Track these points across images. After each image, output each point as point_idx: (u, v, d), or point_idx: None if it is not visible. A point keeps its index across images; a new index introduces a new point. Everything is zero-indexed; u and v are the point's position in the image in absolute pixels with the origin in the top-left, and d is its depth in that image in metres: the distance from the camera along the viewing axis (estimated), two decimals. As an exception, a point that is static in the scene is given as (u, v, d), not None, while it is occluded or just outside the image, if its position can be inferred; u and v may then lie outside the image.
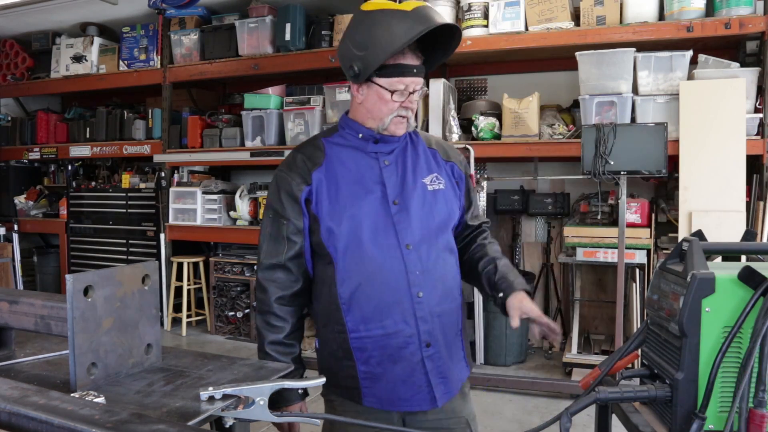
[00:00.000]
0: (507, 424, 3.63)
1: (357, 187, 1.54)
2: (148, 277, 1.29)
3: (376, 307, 1.50)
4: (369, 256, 1.50)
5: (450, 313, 1.59)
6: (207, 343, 5.47)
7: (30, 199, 6.92)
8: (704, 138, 3.88)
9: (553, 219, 5.11)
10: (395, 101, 1.52)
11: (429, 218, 1.56)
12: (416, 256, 1.51)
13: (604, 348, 4.57)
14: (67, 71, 6.40)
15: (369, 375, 1.53)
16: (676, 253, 1.25)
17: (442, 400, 1.56)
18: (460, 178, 1.68)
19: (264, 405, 1.09)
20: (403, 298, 1.50)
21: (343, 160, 1.57)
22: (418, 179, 1.58)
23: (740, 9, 3.89)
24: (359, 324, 1.51)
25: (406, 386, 1.53)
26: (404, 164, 1.59)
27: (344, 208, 1.52)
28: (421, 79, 1.54)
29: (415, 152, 1.63)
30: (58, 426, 0.89)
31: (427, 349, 1.52)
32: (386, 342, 1.51)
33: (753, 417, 1.02)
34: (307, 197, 1.54)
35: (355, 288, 1.51)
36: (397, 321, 1.50)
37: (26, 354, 1.41)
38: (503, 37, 4.49)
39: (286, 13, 5.24)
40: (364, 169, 1.56)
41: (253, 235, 5.51)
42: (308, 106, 5.23)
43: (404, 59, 1.50)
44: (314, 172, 1.55)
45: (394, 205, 1.53)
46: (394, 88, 1.51)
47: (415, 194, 1.56)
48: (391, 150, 1.60)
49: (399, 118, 1.54)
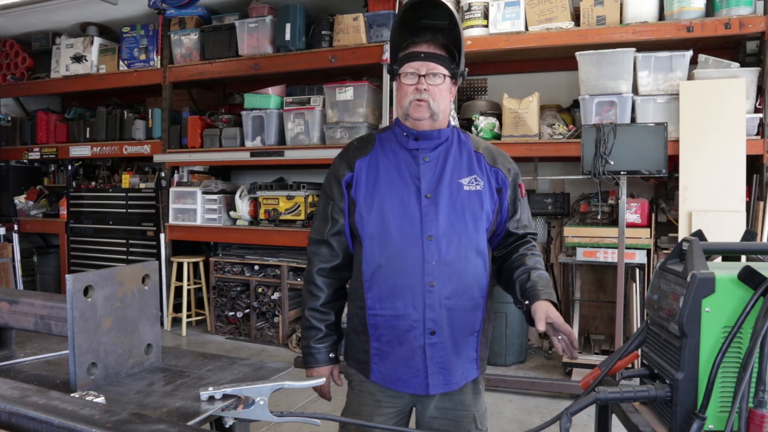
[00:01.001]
0: (507, 424, 3.63)
1: (394, 178, 1.66)
2: (148, 277, 1.29)
3: (391, 289, 1.61)
4: (392, 241, 1.61)
5: (464, 310, 1.63)
6: (207, 343, 5.47)
7: (30, 199, 6.91)
8: (704, 138, 3.88)
9: (553, 219, 5.11)
10: (408, 84, 1.64)
11: (457, 215, 1.63)
12: (435, 248, 1.60)
13: (604, 348, 4.56)
14: (67, 71, 6.41)
15: (379, 351, 1.66)
16: (676, 253, 1.25)
17: (435, 389, 1.63)
18: (504, 185, 1.71)
19: (264, 405, 1.09)
20: (416, 285, 1.59)
21: (387, 153, 1.70)
22: (455, 178, 1.66)
23: (740, 9, 3.89)
24: (376, 302, 1.64)
25: (406, 367, 1.63)
26: (444, 162, 1.68)
27: (378, 195, 1.65)
28: (433, 64, 1.63)
29: (459, 153, 1.71)
30: (58, 426, 0.89)
31: (430, 337, 1.60)
32: (395, 323, 1.62)
33: (753, 417, 1.02)
34: (348, 182, 1.70)
35: (376, 268, 1.63)
36: (407, 304, 1.60)
37: (26, 354, 1.41)
38: (503, 37, 4.49)
39: (286, 13, 5.24)
40: (403, 163, 1.68)
41: (253, 235, 5.51)
42: (308, 106, 5.23)
43: (415, 47, 1.64)
44: (358, 161, 1.70)
45: (426, 198, 1.63)
46: (405, 71, 1.65)
47: (449, 191, 1.64)
48: (434, 147, 1.69)
49: (416, 102, 1.64)
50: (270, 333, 5.37)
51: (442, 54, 1.65)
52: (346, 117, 5.05)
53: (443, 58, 1.64)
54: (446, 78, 1.65)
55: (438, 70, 1.63)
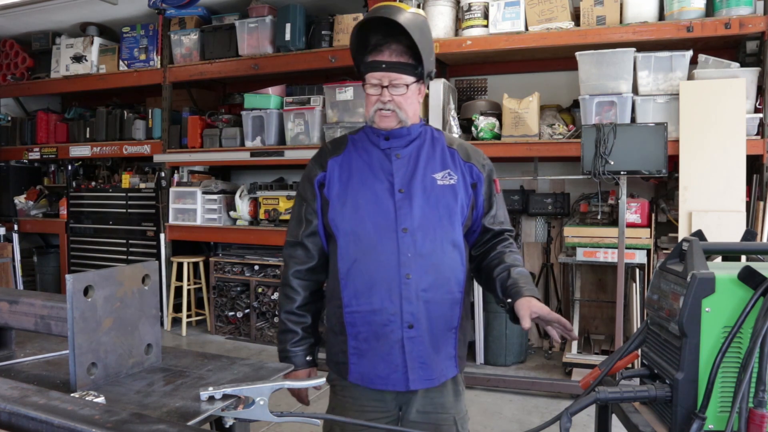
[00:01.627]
0: (507, 424, 3.63)
1: (367, 175, 1.66)
2: (148, 277, 1.29)
3: (367, 283, 1.60)
4: (366, 235, 1.61)
5: (441, 303, 1.62)
6: (207, 343, 5.47)
7: (30, 199, 6.91)
8: (704, 138, 3.88)
9: (553, 219, 5.11)
10: (371, 94, 1.64)
11: (432, 208, 1.62)
12: (411, 240, 1.59)
13: (604, 348, 4.57)
14: (67, 71, 6.40)
15: (356, 350, 1.63)
16: (676, 253, 1.25)
17: (415, 384, 1.61)
18: (479, 180, 1.70)
19: (264, 405, 1.09)
20: (392, 278, 1.58)
21: (360, 152, 1.70)
22: (429, 173, 1.66)
23: (740, 9, 3.89)
24: (352, 299, 1.62)
25: (385, 363, 1.61)
26: (417, 158, 1.68)
27: (352, 192, 1.65)
28: (395, 74, 1.60)
29: (433, 149, 1.70)
30: (58, 426, 0.89)
31: (408, 330, 1.59)
32: (372, 318, 1.60)
33: (753, 417, 1.02)
34: (321, 181, 1.69)
35: (351, 264, 1.62)
36: (384, 298, 1.58)
37: (26, 354, 1.41)
38: (503, 37, 4.49)
39: (286, 13, 5.24)
40: (376, 160, 1.67)
41: (253, 235, 5.51)
42: (308, 106, 5.23)
43: (378, 56, 1.61)
44: (330, 160, 1.70)
45: (399, 193, 1.62)
46: (368, 82, 1.64)
47: (422, 186, 1.63)
48: (406, 144, 1.68)
49: (381, 112, 1.63)
50: (270, 333, 5.37)
51: (405, 61, 1.61)
52: (346, 117, 5.05)
53: (406, 66, 1.61)
54: (411, 84, 1.63)
55: (401, 81, 1.60)
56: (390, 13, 1.57)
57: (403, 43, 1.60)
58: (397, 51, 1.61)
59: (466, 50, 4.58)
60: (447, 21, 4.69)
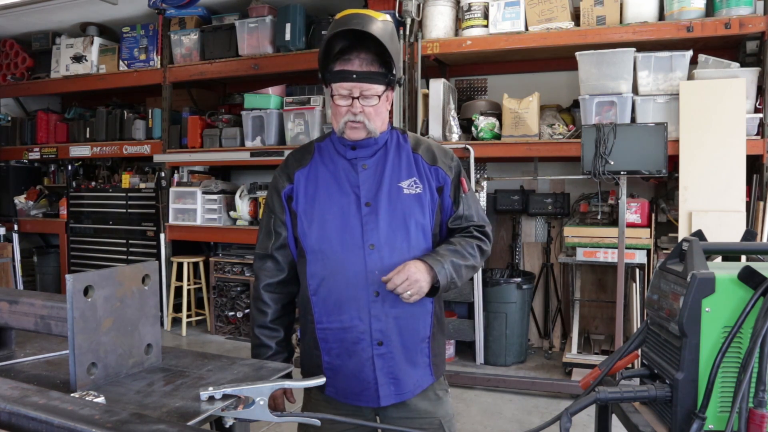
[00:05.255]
0: (507, 424, 3.63)
1: (333, 189, 1.62)
2: (148, 277, 1.29)
3: (336, 302, 1.58)
4: (333, 253, 1.58)
5: (411, 317, 1.60)
6: (207, 343, 5.47)
7: (30, 199, 6.91)
8: (704, 138, 3.88)
9: (553, 219, 5.11)
10: (340, 105, 1.58)
11: (399, 221, 1.59)
12: (378, 257, 1.56)
13: (604, 348, 4.57)
14: (67, 71, 6.40)
15: (330, 366, 1.62)
16: (676, 253, 1.25)
17: (386, 400, 1.60)
18: (445, 183, 1.66)
19: (264, 405, 1.09)
20: (360, 296, 1.56)
21: (327, 163, 1.66)
22: (395, 182, 1.62)
23: (740, 9, 3.89)
24: (323, 316, 1.61)
25: (357, 381, 1.60)
26: (383, 168, 1.63)
27: (318, 207, 1.61)
28: (367, 84, 1.55)
29: (398, 156, 1.66)
30: (58, 426, 0.89)
31: (378, 348, 1.57)
32: (343, 336, 1.59)
33: (753, 417, 1.02)
34: (288, 194, 1.66)
35: (320, 282, 1.60)
36: (353, 317, 1.57)
37: (26, 354, 1.41)
38: (503, 37, 4.49)
39: (286, 13, 5.24)
40: (342, 172, 1.63)
41: (253, 235, 5.50)
42: (308, 106, 5.23)
43: (348, 65, 1.55)
44: (297, 172, 1.66)
45: (366, 206, 1.59)
46: (336, 92, 1.57)
47: (389, 197, 1.59)
48: (372, 153, 1.64)
49: (352, 123, 1.58)
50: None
51: (376, 70, 1.56)
52: (346, 117, 5.05)
53: (377, 75, 1.55)
54: (382, 94, 1.58)
55: (372, 91, 1.55)
56: (363, 24, 1.51)
57: (372, 50, 1.55)
58: (367, 60, 1.55)
59: (466, 50, 4.58)
60: (447, 21, 4.68)
